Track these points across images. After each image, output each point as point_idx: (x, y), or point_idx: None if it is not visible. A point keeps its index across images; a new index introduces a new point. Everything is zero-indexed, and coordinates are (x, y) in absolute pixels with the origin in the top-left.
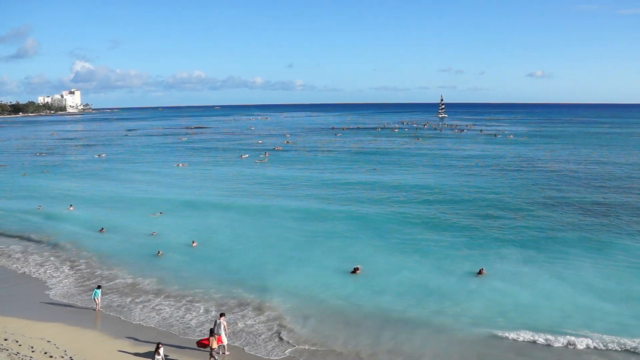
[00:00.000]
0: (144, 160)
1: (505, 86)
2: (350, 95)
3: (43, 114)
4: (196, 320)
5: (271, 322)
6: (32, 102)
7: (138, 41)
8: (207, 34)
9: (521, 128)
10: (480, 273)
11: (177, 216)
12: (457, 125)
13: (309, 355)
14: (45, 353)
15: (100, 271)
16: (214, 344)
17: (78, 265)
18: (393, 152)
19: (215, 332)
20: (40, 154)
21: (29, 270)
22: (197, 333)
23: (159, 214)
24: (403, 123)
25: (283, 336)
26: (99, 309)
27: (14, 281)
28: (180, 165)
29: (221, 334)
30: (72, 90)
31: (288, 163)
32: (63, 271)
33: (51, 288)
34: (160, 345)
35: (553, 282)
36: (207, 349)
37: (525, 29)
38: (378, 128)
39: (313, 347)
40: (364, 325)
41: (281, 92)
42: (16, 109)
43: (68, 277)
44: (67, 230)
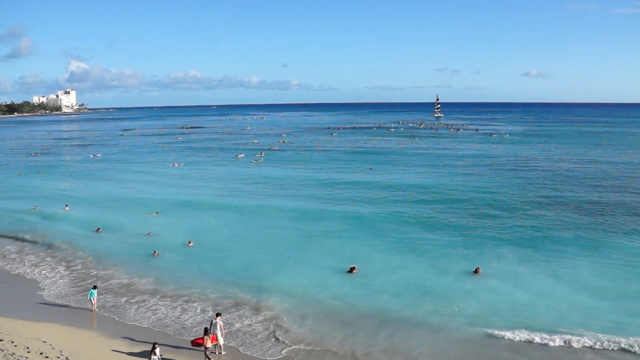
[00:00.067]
0: (140, 160)
1: (501, 85)
2: (346, 94)
3: (38, 114)
4: (192, 320)
5: (267, 322)
6: (27, 102)
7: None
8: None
9: (517, 127)
10: (476, 272)
11: (173, 216)
12: (453, 124)
13: (305, 354)
14: (41, 353)
15: (96, 271)
16: (208, 343)
17: (74, 265)
18: (389, 152)
19: (210, 332)
20: (35, 154)
21: (25, 270)
22: (193, 333)
23: (155, 214)
24: (399, 122)
25: (279, 336)
26: (95, 309)
27: (9, 281)
28: (176, 165)
29: (217, 334)
30: (68, 90)
31: (284, 163)
32: (59, 271)
33: (47, 288)
34: (156, 345)
35: (549, 281)
36: (202, 348)
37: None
38: (374, 127)
39: (309, 347)
40: (360, 324)
41: (277, 92)
42: (11, 109)
43: (64, 278)
44: (63, 230)
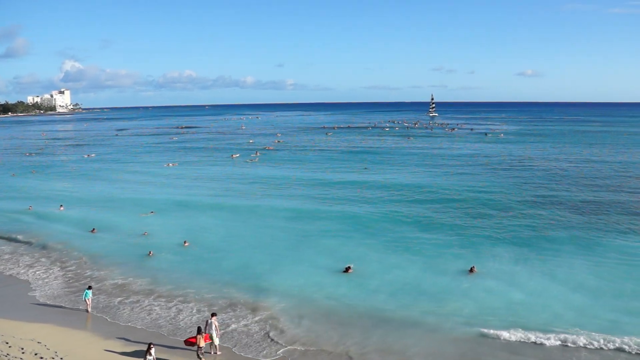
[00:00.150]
0: (134, 160)
1: (496, 85)
2: (341, 94)
3: (32, 114)
4: (187, 320)
5: (263, 322)
6: (22, 102)
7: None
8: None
9: (512, 127)
10: (471, 271)
11: (169, 216)
12: (448, 124)
13: (300, 355)
14: (35, 354)
15: (91, 272)
16: (202, 342)
17: (68, 266)
18: (384, 152)
19: (206, 332)
20: (29, 154)
21: (19, 271)
22: (188, 334)
23: (151, 213)
24: (394, 122)
25: (274, 336)
26: (90, 310)
27: (4, 282)
28: (170, 165)
29: (212, 334)
30: (62, 90)
31: (279, 163)
32: (53, 272)
33: (41, 289)
34: (151, 345)
35: (544, 280)
36: (195, 348)
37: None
38: (369, 127)
39: (304, 347)
40: (356, 324)
41: (272, 92)
42: (5, 109)
43: (58, 278)
44: (58, 230)
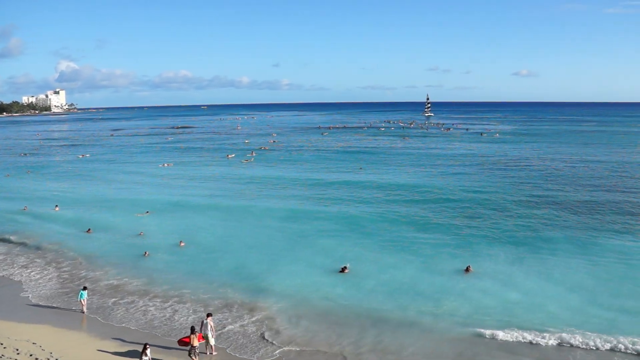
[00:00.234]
0: (130, 160)
1: (491, 85)
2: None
3: (27, 114)
4: (183, 321)
5: (259, 323)
6: (16, 102)
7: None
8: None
9: (507, 126)
10: (467, 270)
11: (165, 216)
12: (444, 124)
13: (296, 355)
14: (30, 355)
15: (86, 272)
16: (195, 342)
17: (64, 266)
18: (380, 152)
19: (198, 331)
20: (24, 155)
21: (14, 271)
22: (184, 334)
23: (146, 213)
24: (389, 122)
25: (270, 337)
26: (85, 311)
27: None
28: (165, 165)
29: (207, 334)
30: (57, 90)
31: (275, 163)
32: (48, 272)
33: (36, 289)
34: (147, 345)
35: (540, 280)
36: (188, 347)
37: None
38: (365, 127)
39: (300, 348)
40: (352, 324)
41: (268, 92)
42: (0, 109)
43: (53, 279)
44: (53, 231)
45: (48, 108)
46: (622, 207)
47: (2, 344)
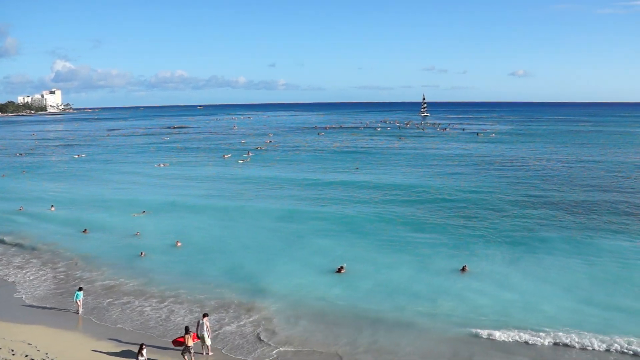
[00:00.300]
0: (126, 160)
1: (487, 85)
2: (333, 94)
3: (23, 114)
4: (179, 321)
5: (255, 323)
6: (12, 102)
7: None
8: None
9: (503, 126)
10: (463, 270)
11: (161, 216)
12: (440, 124)
13: (292, 355)
14: (26, 356)
15: (82, 273)
16: (190, 342)
17: (60, 267)
18: (376, 152)
19: (193, 332)
20: (20, 155)
21: (9, 272)
22: (180, 334)
23: (143, 213)
24: (386, 122)
25: (266, 337)
26: (81, 311)
27: None
28: (161, 165)
29: (204, 334)
30: (53, 90)
31: (271, 163)
32: (44, 273)
33: (32, 290)
34: (143, 346)
35: (536, 280)
36: (182, 347)
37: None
38: (361, 127)
39: (296, 349)
40: (348, 325)
41: (264, 92)
42: None
43: (49, 279)
44: (49, 231)
45: (44, 108)
46: (618, 207)
47: None
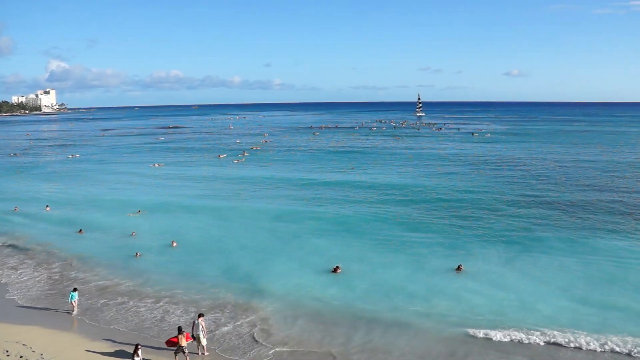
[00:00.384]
0: (121, 160)
1: (482, 85)
2: (328, 94)
3: (17, 114)
4: (174, 321)
5: (251, 323)
6: (6, 102)
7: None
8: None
9: (498, 126)
10: (458, 269)
11: (157, 217)
12: (435, 123)
13: (288, 355)
14: (21, 357)
15: (78, 273)
16: (183, 342)
17: (55, 267)
18: (371, 151)
19: (186, 331)
20: (14, 155)
21: (3, 272)
22: (173, 335)
23: (138, 212)
24: (381, 122)
25: (262, 338)
26: (76, 312)
27: None
28: (156, 165)
29: (199, 335)
30: (48, 89)
31: (266, 163)
32: (39, 273)
33: (26, 290)
34: (139, 346)
35: (531, 279)
36: (175, 348)
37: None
38: (356, 127)
39: (292, 349)
40: (344, 325)
41: (259, 92)
42: None
43: (44, 280)
44: (44, 231)
45: (38, 108)
46: (613, 207)
47: None
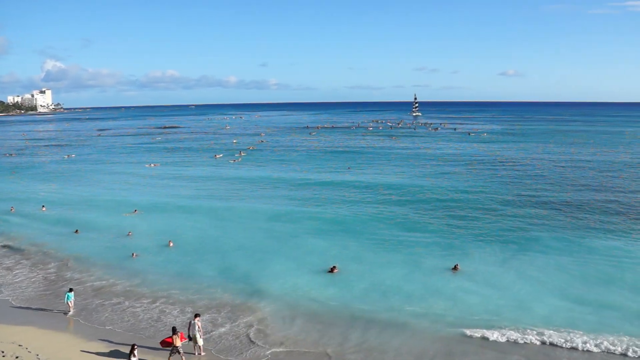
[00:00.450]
0: (117, 160)
1: (478, 85)
2: (324, 94)
3: (13, 114)
4: (171, 322)
5: (247, 324)
6: (1, 102)
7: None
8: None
9: (494, 126)
10: (455, 269)
11: (154, 217)
12: (431, 123)
13: (285, 356)
14: (17, 357)
15: (74, 273)
16: (177, 342)
17: (51, 267)
18: (367, 151)
19: (180, 331)
20: (9, 155)
21: None
22: (168, 335)
23: (135, 212)
24: (377, 122)
25: (259, 338)
26: (72, 312)
27: None
28: (152, 165)
29: (196, 334)
30: (43, 89)
31: (262, 163)
32: (35, 273)
33: (22, 291)
34: (135, 346)
35: (527, 279)
36: (170, 348)
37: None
38: (352, 127)
39: (288, 349)
40: (341, 325)
41: (255, 92)
42: None
43: (40, 280)
44: (40, 231)
45: (34, 108)
46: (609, 207)
47: None
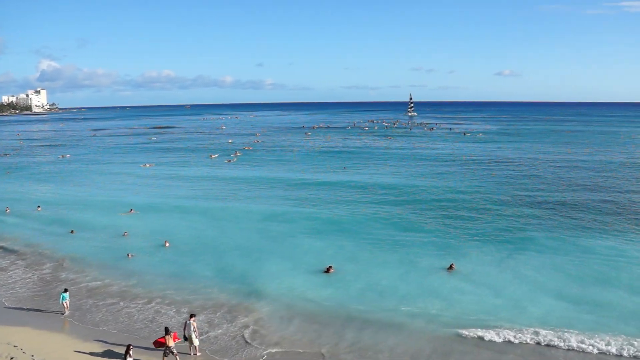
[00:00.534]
0: (112, 160)
1: (474, 85)
2: (320, 94)
3: (7, 114)
4: (167, 322)
5: (243, 324)
6: None
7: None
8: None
9: (490, 126)
10: (450, 268)
11: (150, 217)
12: (427, 123)
13: (280, 356)
14: (11, 358)
15: (69, 274)
16: (170, 342)
17: (46, 268)
18: (363, 151)
19: (173, 331)
20: (4, 155)
21: None
22: (160, 335)
23: (130, 212)
24: (373, 122)
25: (255, 338)
26: (67, 313)
27: None
28: (147, 165)
29: (191, 335)
30: (38, 89)
31: (258, 163)
32: (30, 274)
33: (17, 291)
34: (131, 346)
35: (523, 279)
36: (163, 348)
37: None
38: (348, 127)
39: (284, 349)
40: (337, 325)
41: (251, 92)
42: None
43: (35, 280)
44: (36, 232)
45: (29, 108)
46: (605, 207)
47: None
